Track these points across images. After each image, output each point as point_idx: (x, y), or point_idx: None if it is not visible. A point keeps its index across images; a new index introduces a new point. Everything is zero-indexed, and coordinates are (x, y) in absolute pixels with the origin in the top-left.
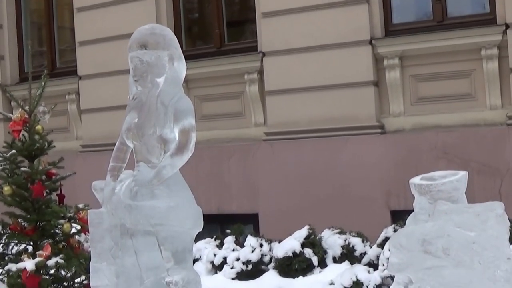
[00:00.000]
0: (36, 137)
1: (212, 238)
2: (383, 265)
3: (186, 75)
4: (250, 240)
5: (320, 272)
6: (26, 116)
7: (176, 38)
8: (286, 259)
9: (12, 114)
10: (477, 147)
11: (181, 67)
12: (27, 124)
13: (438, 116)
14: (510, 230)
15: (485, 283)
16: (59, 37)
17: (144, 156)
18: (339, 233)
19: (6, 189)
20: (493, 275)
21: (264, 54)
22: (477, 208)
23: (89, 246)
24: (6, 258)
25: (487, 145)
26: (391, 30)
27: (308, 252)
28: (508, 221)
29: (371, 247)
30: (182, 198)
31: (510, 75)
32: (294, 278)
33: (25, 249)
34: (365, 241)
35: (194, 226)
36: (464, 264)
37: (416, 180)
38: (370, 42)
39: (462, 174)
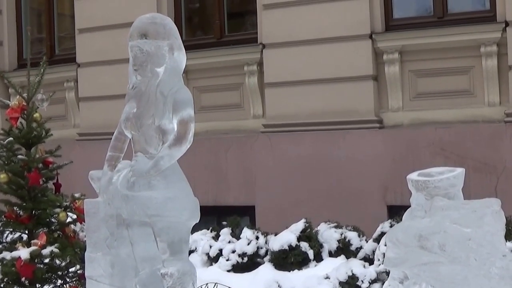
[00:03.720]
0: (34, 125)
1: (208, 229)
2: (379, 260)
3: (185, 65)
4: (246, 233)
5: (315, 265)
6: (24, 103)
7: (176, 28)
8: (282, 252)
9: (10, 100)
10: (475, 144)
11: (181, 57)
12: (25, 112)
13: (436, 112)
14: (506, 227)
15: (480, 280)
16: (59, 24)
17: (142, 147)
18: (336, 227)
19: (2, 176)
20: (488, 272)
21: (264, 46)
22: (474, 205)
23: (85, 236)
24: (0, 246)
25: (484, 142)
26: (391, 24)
27: (304, 245)
28: (504, 218)
29: (367, 242)
30: (179, 189)
31: (509, 73)
32: (289, 271)
33: (20, 238)
34: (361, 236)
35: (191, 217)
36: (460, 260)
37: (413, 176)
38: (371, 37)
39: (459, 171)
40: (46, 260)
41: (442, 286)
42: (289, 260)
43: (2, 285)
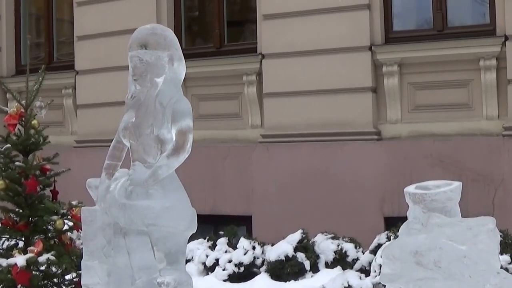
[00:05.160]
0: (32, 131)
1: (204, 239)
2: (375, 271)
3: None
4: (243, 242)
5: (312, 276)
6: (22, 110)
7: (177, 39)
8: (278, 262)
9: (7, 106)
10: (472, 157)
11: (181, 68)
12: (23, 118)
13: (434, 125)
14: (503, 240)
15: None
16: (58, 30)
17: (140, 156)
18: (332, 238)
19: (0, 183)
20: None
21: (263, 56)
22: (469, 223)
23: (81, 244)
24: None
25: (482, 155)
26: (391, 37)
27: (301, 256)
28: (499, 236)
29: (363, 253)
30: (177, 199)
31: (508, 86)
32: (286, 281)
33: (16, 245)
34: (357, 247)
35: (188, 227)
36: (455, 276)
37: (410, 189)
38: (370, 48)
39: (457, 185)
40: (42, 268)
41: None
42: (285, 270)
43: None
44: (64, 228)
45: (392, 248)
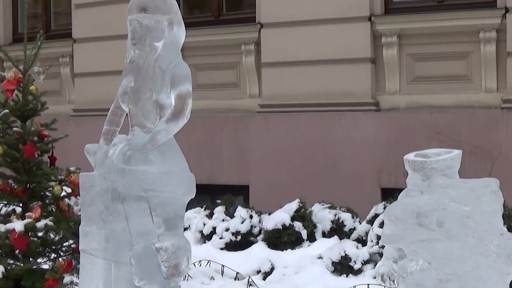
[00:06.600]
0: (30, 97)
1: (202, 207)
2: (372, 241)
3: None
4: (240, 211)
5: (309, 245)
6: (20, 75)
7: (176, 3)
8: (275, 231)
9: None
10: (470, 129)
11: (180, 33)
12: (21, 84)
13: (433, 96)
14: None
15: (477, 257)
16: (55, 0)
17: (139, 121)
18: (329, 207)
19: None
20: (485, 250)
21: (262, 26)
22: (473, 184)
23: (79, 210)
24: None
25: (480, 128)
26: (390, 7)
27: (298, 225)
28: (502, 197)
29: (360, 223)
30: (176, 164)
31: (507, 59)
32: (282, 250)
33: (14, 210)
34: (354, 217)
35: (187, 192)
36: (458, 237)
37: (410, 156)
38: (369, 19)
39: (456, 153)
40: (40, 234)
41: (439, 263)
42: (282, 239)
43: None
44: (62, 194)
45: (393, 209)
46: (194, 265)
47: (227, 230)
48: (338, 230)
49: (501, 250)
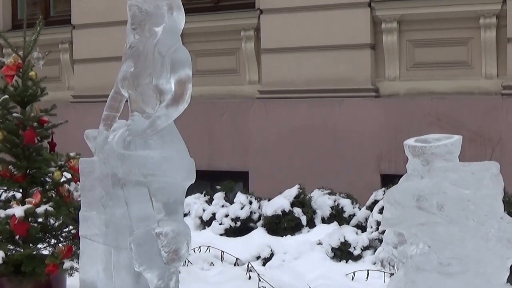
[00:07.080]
0: (29, 83)
1: (201, 193)
2: (371, 227)
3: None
4: (240, 197)
5: (308, 231)
6: (19, 61)
7: None
8: (275, 217)
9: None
10: (470, 115)
11: (180, 17)
12: (21, 70)
13: (433, 83)
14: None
15: (477, 241)
16: None
17: (139, 106)
18: (329, 193)
19: None
20: (485, 233)
21: (261, 11)
22: (473, 167)
23: (79, 195)
24: None
25: (480, 114)
26: None
27: (297, 211)
28: (502, 181)
29: (360, 209)
30: (176, 150)
31: (507, 45)
32: (282, 236)
33: (14, 196)
34: (354, 203)
35: (187, 177)
36: (458, 221)
37: (410, 141)
38: (369, 5)
39: (457, 138)
40: (40, 219)
41: (439, 247)
42: (282, 225)
43: None
44: (62, 180)
45: (393, 192)
46: (194, 251)
47: (226, 216)
48: (337, 216)
49: (502, 233)
